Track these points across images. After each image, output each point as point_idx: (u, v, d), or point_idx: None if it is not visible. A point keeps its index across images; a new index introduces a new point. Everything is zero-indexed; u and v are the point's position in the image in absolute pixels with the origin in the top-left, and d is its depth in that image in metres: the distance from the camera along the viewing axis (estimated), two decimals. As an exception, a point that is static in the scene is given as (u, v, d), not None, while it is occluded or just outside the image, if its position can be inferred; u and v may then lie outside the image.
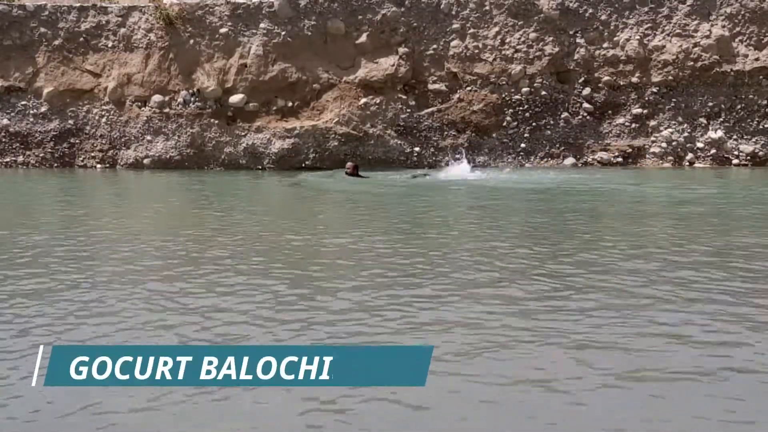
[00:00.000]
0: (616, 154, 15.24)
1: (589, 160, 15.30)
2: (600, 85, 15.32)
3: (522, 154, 15.44)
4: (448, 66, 15.44)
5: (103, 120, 16.16)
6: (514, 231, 7.32)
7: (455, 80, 15.47)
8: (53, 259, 6.04)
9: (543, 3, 15.31)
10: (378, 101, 15.40)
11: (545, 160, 15.37)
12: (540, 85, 15.32)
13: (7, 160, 16.40)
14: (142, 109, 16.02)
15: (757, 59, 14.87)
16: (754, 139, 15.00)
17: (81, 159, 16.26)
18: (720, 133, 15.02)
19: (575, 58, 15.28)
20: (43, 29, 16.12)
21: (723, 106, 15.05)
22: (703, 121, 15.12)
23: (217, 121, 15.74)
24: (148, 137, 16.00)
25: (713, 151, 15.03)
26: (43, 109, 16.23)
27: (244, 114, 15.71)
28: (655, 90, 15.17)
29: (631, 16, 15.21)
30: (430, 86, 15.50)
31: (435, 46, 15.44)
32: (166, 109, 15.88)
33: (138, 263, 5.93)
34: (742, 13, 14.97)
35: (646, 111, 15.22)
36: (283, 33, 15.52)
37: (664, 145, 15.14)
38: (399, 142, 15.36)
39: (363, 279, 5.13)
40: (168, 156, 15.88)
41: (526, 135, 15.40)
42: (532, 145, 15.42)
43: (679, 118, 15.15)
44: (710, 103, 15.08)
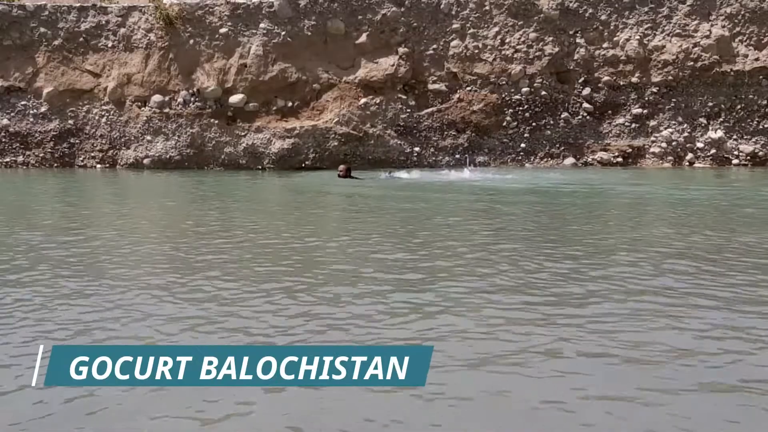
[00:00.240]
0: (616, 154, 15.25)
1: (589, 160, 15.31)
2: (600, 85, 15.33)
3: (522, 154, 15.45)
4: (448, 66, 15.45)
5: (103, 120, 16.17)
6: (513, 231, 7.32)
7: (455, 80, 15.48)
8: (53, 259, 6.04)
9: (543, 3, 15.31)
10: (378, 101, 15.41)
11: (545, 160, 15.38)
12: (540, 85, 15.33)
13: (7, 160, 16.41)
14: (142, 109, 16.03)
15: (757, 59, 14.88)
16: (754, 139, 15.01)
17: (81, 159, 16.27)
18: (720, 133, 15.03)
19: (575, 58, 15.29)
20: (43, 29, 16.14)
21: (723, 106, 15.07)
22: (703, 121, 15.13)
23: (217, 121, 15.75)
24: (148, 137, 16.01)
25: (713, 151, 15.04)
26: (43, 109, 16.24)
27: (244, 114, 15.72)
28: (655, 90, 15.18)
29: (631, 16, 15.22)
30: (430, 86, 15.51)
31: (435, 46, 15.45)
32: (166, 109, 15.89)
33: (138, 263, 5.93)
34: (742, 13, 14.98)
35: (646, 111, 15.23)
36: (283, 33, 15.53)
37: (664, 145, 15.15)
38: (399, 142, 15.37)
39: (362, 279, 5.14)
40: (168, 156, 15.89)
41: (526, 135, 15.41)
42: (532, 145, 15.43)
43: (679, 118, 15.16)
44: (710, 103, 15.09)
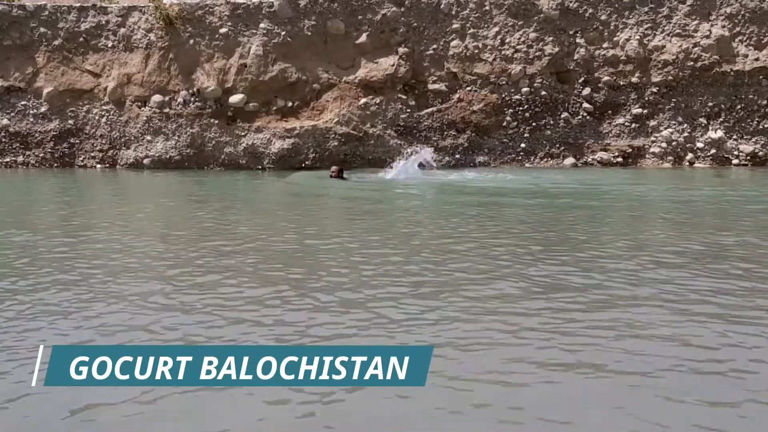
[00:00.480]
0: (616, 154, 15.24)
1: (589, 160, 15.31)
2: (600, 85, 15.32)
3: (522, 154, 15.45)
4: (448, 66, 15.44)
5: (103, 120, 16.17)
6: (512, 232, 7.32)
7: (455, 80, 15.48)
8: (53, 259, 6.04)
9: (543, 3, 15.31)
10: (378, 101, 15.41)
11: (545, 160, 15.38)
12: (540, 85, 15.32)
13: (7, 160, 16.41)
14: (142, 109, 16.03)
15: (757, 59, 14.88)
16: (754, 139, 15.01)
17: (81, 159, 16.27)
18: (720, 133, 15.02)
19: (575, 58, 15.28)
20: (43, 29, 16.13)
21: (723, 106, 15.06)
22: (703, 121, 15.12)
23: (217, 121, 15.75)
24: (148, 137, 16.01)
25: (713, 151, 15.04)
26: (43, 109, 16.23)
27: (244, 114, 15.71)
28: (655, 90, 15.18)
29: (631, 16, 15.22)
30: (430, 86, 15.51)
31: (435, 46, 15.45)
32: (166, 109, 15.89)
33: (138, 263, 5.94)
34: (742, 13, 14.98)
35: (646, 111, 15.23)
36: (283, 33, 15.52)
37: (664, 145, 15.14)
38: (399, 142, 15.36)
39: (362, 279, 5.14)
40: (168, 156, 15.88)
41: (526, 135, 15.41)
42: (532, 145, 15.43)
43: (679, 118, 15.15)
44: (710, 103, 15.08)
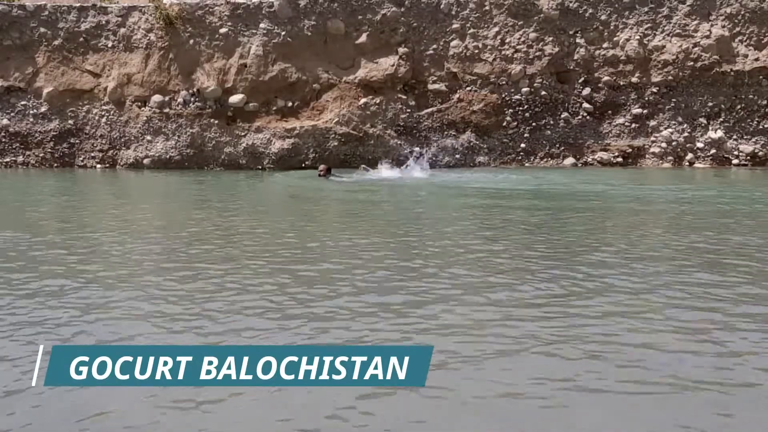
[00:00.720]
0: (616, 154, 15.24)
1: (589, 160, 15.31)
2: (600, 85, 15.32)
3: (522, 154, 15.45)
4: (448, 66, 15.44)
5: (103, 120, 16.17)
6: (510, 232, 7.32)
7: (455, 80, 15.48)
8: (53, 259, 6.04)
9: (543, 3, 15.31)
10: (378, 101, 15.41)
11: (545, 160, 15.38)
12: (540, 85, 15.32)
13: (7, 160, 16.41)
14: (142, 109, 16.03)
15: (757, 59, 14.88)
16: (754, 139, 15.01)
17: (81, 159, 16.27)
18: (720, 133, 15.02)
19: (575, 58, 15.28)
20: (43, 29, 16.13)
21: (723, 106, 15.06)
22: (703, 121, 15.12)
23: (217, 121, 15.75)
24: (148, 137, 16.01)
25: (713, 151, 15.04)
26: (43, 109, 16.23)
27: (244, 114, 15.71)
28: (655, 90, 15.18)
29: (631, 16, 15.22)
30: (430, 86, 15.51)
31: (435, 46, 15.45)
32: (166, 109, 15.89)
33: (138, 263, 5.94)
34: (742, 13, 14.98)
35: (646, 111, 15.22)
36: (283, 33, 15.52)
37: (664, 145, 15.14)
38: (399, 142, 15.36)
39: (361, 279, 5.13)
40: (168, 156, 15.88)
41: (526, 135, 15.41)
42: (532, 145, 15.43)
43: (679, 118, 15.15)
44: (710, 103, 15.08)
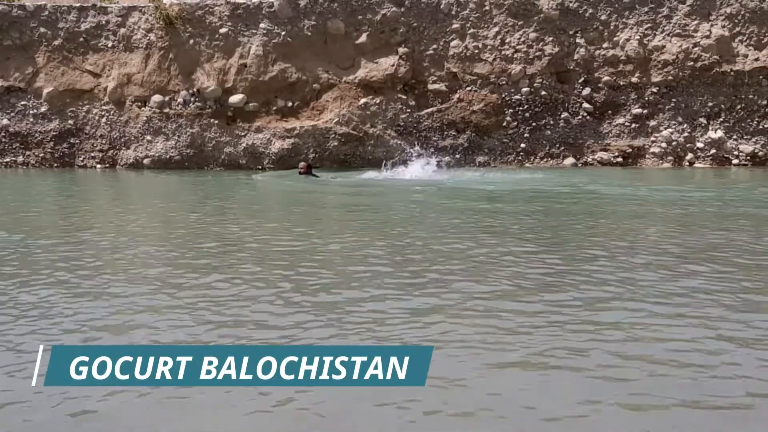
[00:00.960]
0: (616, 154, 15.24)
1: (589, 160, 15.31)
2: (600, 85, 15.32)
3: (522, 154, 15.45)
4: (448, 66, 15.44)
5: (103, 120, 16.17)
6: (509, 232, 7.32)
7: (455, 80, 15.48)
8: (53, 260, 6.04)
9: (543, 3, 15.31)
10: (378, 101, 15.41)
11: (545, 160, 15.38)
12: (540, 85, 15.32)
13: (7, 160, 16.41)
14: (142, 109, 16.03)
15: (757, 59, 14.88)
16: (754, 139, 15.01)
17: (81, 159, 16.27)
18: (720, 133, 15.02)
19: (575, 58, 15.28)
20: (43, 29, 16.13)
21: (723, 106, 15.06)
22: (703, 121, 15.12)
23: (217, 121, 15.75)
24: (148, 137, 16.01)
25: (713, 151, 15.04)
26: (43, 109, 16.23)
27: (244, 114, 15.71)
28: (655, 90, 15.18)
29: (631, 16, 15.22)
30: (430, 86, 15.51)
31: (435, 46, 15.45)
32: (166, 109, 15.89)
33: (138, 263, 5.94)
34: (742, 13, 14.98)
35: (646, 111, 15.23)
36: (283, 33, 15.52)
37: (664, 145, 15.14)
38: (399, 142, 15.36)
39: (360, 280, 5.13)
40: (168, 156, 15.89)
41: (526, 135, 15.41)
42: (532, 145, 15.43)
43: (679, 118, 15.15)
44: (710, 103, 15.08)
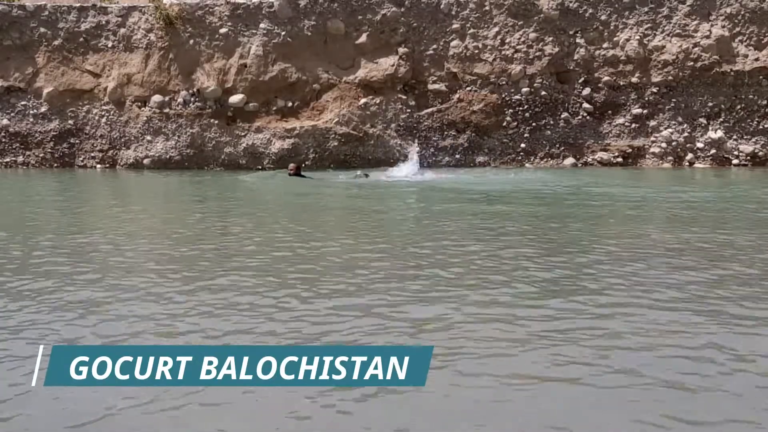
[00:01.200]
0: (616, 154, 15.24)
1: (589, 160, 15.31)
2: (600, 85, 15.32)
3: (522, 154, 15.45)
4: (448, 66, 15.44)
5: (103, 120, 16.17)
6: (511, 233, 7.32)
7: (455, 80, 15.48)
8: (53, 260, 6.04)
9: (543, 3, 15.31)
10: (378, 101, 15.41)
11: (545, 160, 15.38)
12: (540, 85, 15.32)
13: (7, 160, 16.41)
14: (142, 109, 16.03)
15: (757, 59, 14.88)
16: (754, 139, 15.01)
17: (81, 159, 16.27)
18: (720, 133, 15.02)
19: (575, 58, 15.28)
20: (43, 29, 16.12)
21: (723, 106, 15.06)
22: (703, 121, 15.12)
23: (217, 121, 15.75)
24: (148, 137, 16.01)
25: (713, 151, 15.04)
26: (43, 109, 16.23)
27: (244, 114, 15.71)
28: (655, 90, 15.18)
29: (631, 16, 15.22)
30: (430, 86, 15.50)
31: (435, 46, 15.44)
32: (166, 109, 15.89)
33: (138, 264, 5.94)
34: (742, 13, 14.98)
35: (646, 111, 15.22)
36: (283, 33, 15.52)
37: (664, 145, 15.14)
38: (399, 142, 15.36)
39: (360, 280, 5.13)
40: (168, 156, 15.88)
41: (526, 135, 15.41)
42: (532, 145, 15.43)
43: (679, 118, 15.15)
44: (710, 103, 15.08)
